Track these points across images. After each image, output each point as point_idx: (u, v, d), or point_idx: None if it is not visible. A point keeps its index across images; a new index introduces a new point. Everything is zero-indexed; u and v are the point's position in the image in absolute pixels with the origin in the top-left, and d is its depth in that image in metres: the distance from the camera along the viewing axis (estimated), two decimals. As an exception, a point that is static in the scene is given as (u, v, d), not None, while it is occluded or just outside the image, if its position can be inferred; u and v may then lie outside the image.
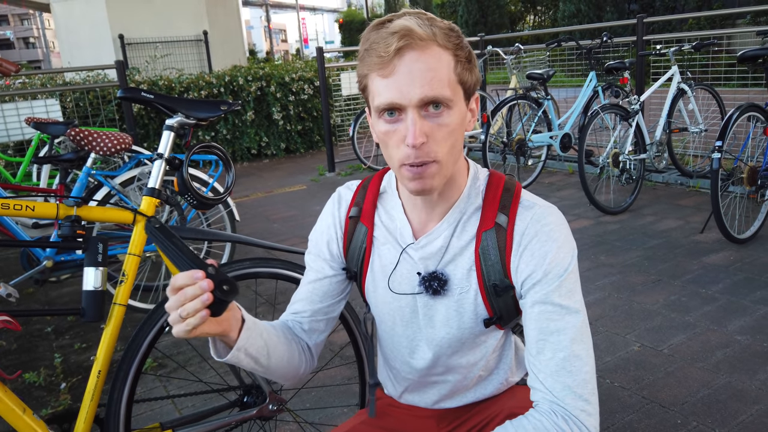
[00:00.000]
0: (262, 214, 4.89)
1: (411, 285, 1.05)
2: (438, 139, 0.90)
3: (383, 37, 0.87)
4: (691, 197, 4.46)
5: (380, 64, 0.88)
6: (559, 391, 0.91)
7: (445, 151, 0.91)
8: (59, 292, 3.44)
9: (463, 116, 0.94)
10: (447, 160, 0.93)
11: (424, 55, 0.87)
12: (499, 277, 1.00)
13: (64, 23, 11.17)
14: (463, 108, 0.94)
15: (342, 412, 2.10)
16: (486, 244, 0.99)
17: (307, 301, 1.14)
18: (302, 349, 1.12)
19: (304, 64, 7.93)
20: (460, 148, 0.97)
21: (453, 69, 0.90)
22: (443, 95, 0.88)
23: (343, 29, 30.05)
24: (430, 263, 1.03)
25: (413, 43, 0.86)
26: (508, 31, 18.41)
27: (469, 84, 0.94)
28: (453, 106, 0.90)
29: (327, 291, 1.14)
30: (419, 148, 0.89)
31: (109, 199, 2.85)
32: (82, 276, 1.44)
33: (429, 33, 0.88)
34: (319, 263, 1.14)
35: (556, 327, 0.93)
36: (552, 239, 0.96)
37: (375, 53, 0.88)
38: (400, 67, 0.87)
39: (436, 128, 0.90)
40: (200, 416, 1.63)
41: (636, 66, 4.91)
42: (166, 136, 1.61)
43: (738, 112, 3.40)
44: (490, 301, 1.01)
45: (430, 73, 0.87)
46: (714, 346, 2.36)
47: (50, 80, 6.63)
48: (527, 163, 5.01)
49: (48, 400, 2.30)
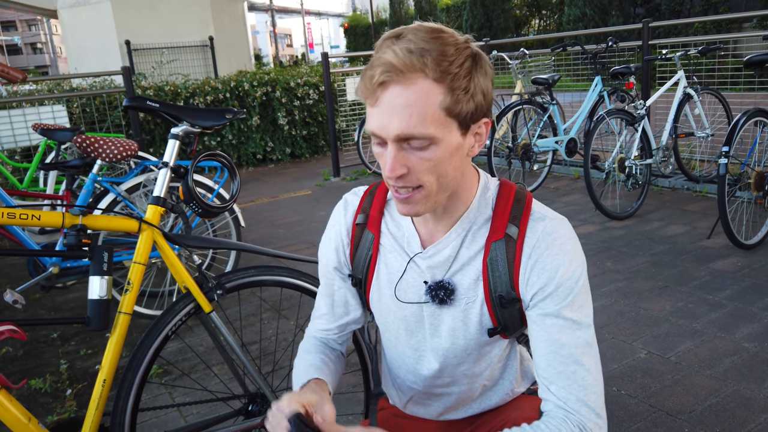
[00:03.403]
0: (268, 220, 4.89)
1: (417, 294, 1.04)
2: (421, 171, 0.89)
3: (374, 65, 0.86)
4: (698, 202, 4.43)
5: (365, 93, 0.88)
6: (574, 403, 0.92)
7: (431, 180, 0.90)
8: (65, 298, 3.45)
9: (455, 148, 0.90)
10: (434, 188, 0.91)
11: (406, 90, 0.85)
12: (505, 289, 0.99)
13: (71, 29, 11.26)
14: (456, 140, 0.90)
15: (347, 419, 2.09)
16: (495, 255, 0.99)
17: (330, 317, 1.18)
18: (340, 356, 1.22)
19: (310, 69, 7.96)
20: (456, 175, 0.94)
21: (440, 103, 0.86)
22: (421, 133, 0.86)
23: (348, 34, 30.11)
24: (438, 272, 1.02)
25: (395, 78, 0.85)
26: (513, 35, 18.41)
27: (466, 113, 0.89)
28: (439, 141, 0.88)
29: (347, 301, 1.15)
30: (400, 178, 0.89)
31: (115, 206, 2.86)
32: (87, 282, 1.45)
33: (417, 64, 0.84)
34: (331, 274, 1.14)
35: (567, 340, 0.93)
36: (563, 252, 0.96)
37: (364, 79, 0.88)
38: (382, 100, 0.86)
39: (417, 161, 0.89)
40: (204, 425, 1.63)
41: (642, 70, 4.89)
42: (171, 145, 1.61)
43: (745, 117, 3.38)
44: (495, 311, 1.01)
45: (410, 109, 0.85)
46: (722, 353, 2.34)
47: (57, 86, 6.67)
48: (532, 168, 5.00)
49: (54, 407, 2.30)
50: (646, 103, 4.32)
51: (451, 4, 22.41)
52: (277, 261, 3.26)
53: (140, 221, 1.52)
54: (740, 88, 5.78)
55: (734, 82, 5.53)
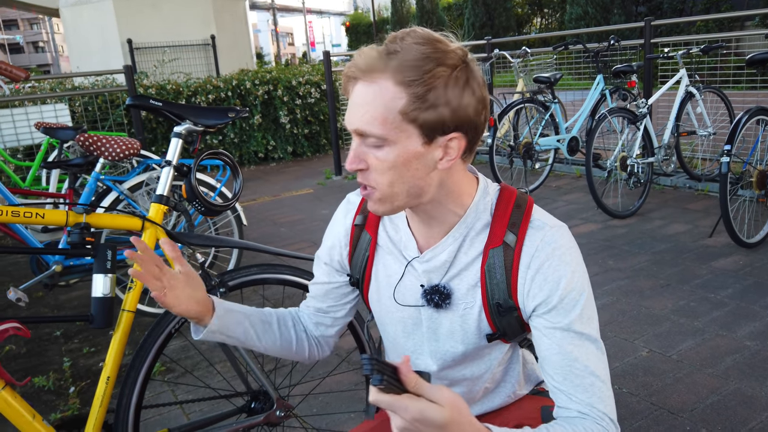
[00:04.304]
0: (269, 218, 4.90)
1: (414, 297, 1.05)
2: (378, 170, 0.92)
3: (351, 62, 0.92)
4: (700, 201, 4.43)
5: (345, 87, 0.94)
6: (596, 413, 0.93)
7: (384, 182, 0.92)
8: (68, 296, 3.46)
9: (412, 155, 0.89)
10: (389, 192, 0.92)
11: (366, 88, 0.89)
12: (503, 297, 0.98)
13: (73, 28, 11.27)
14: (414, 147, 0.89)
15: (349, 417, 2.10)
16: (492, 262, 0.98)
17: (314, 299, 1.23)
18: (305, 337, 1.23)
19: (311, 68, 7.96)
20: (418, 184, 0.92)
21: (399, 107, 0.86)
22: (372, 132, 0.89)
23: (350, 32, 30.11)
24: (434, 276, 1.02)
25: (359, 75, 0.90)
26: (514, 33, 18.39)
27: (425, 122, 0.87)
28: (392, 143, 0.89)
29: (327, 293, 1.20)
30: (360, 173, 0.94)
31: (117, 204, 2.87)
32: (90, 280, 1.45)
33: (379, 65, 0.87)
34: (320, 267, 1.20)
35: (580, 354, 0.93)
36: (565, 263, 0.94)
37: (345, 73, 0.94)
38: (351, 95, 0.92)
39: (375, 160, 0.91)
40: (208, 422, 1.64)
41: (644, 69, 4.89)
42: (174, 143, 1.62)
43: (747, 116, 3.38)
44: (493, 318, 1.00)
45: (366, 107, 0.89)
46: (723, 351, 2.34)
47: (59, 85, 6.68)
48: (534, 166, 5.00)
49: (57, 404, 2.31)
50: (648, 102, 4.31)
51: (453, 3, 22.38)
52: (280, 259, 3.27)
53: (144, 219, 1.52)
54: (742, 86, 5.77)
55: (736, 80, 5.52)
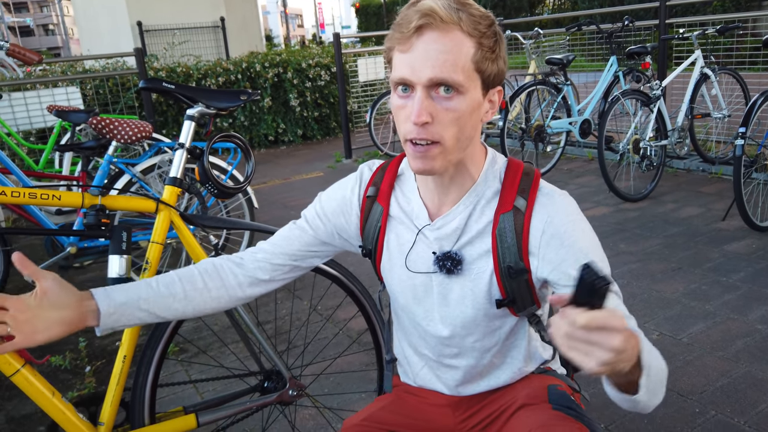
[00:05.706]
0: (280, 201, 4.92)
1: (426, 264, 1.08)
2: (444, 122, 0.92)
3: (409, 15, 0.90)
4: (713, 184, 4.39)
5: (400, 39, 0.92)
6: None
7: (449, 135, 0.93)
8: (83, 278, 3.50)
9: (476, 105, 0.95)
10: (451, 144, 0.94)
11: (443, 37, 0.89)
12: (514, 260, 1.01)
13: (83, 10, 11.25)
14: (478, 97, 0.95)
15: (360, 397, 2.13)
16: (503, 226, 1.01)
17: (269, 243, 1.19)
18: (224, 285, 1.16)
19: (321, 50, 7.91)
20: (471, 135, 0.97)
21: (472, 56, 0.91)
22: (453, 79, 0.90)
23: (360, 14, 29.82)
24: (445, 243, 1.05)
25: (434, 23, 0.89)
26: (526, 14, 18.15)
27: (489, 74, 0.95)
28: (465, 92, 0.92)
29: (289, 237, 1.17)
30: (423, 127, 0.92)
31: (130, 187, 2.89)
32: (105, 261, 1.47)
33: (454, 17, 0.89)
34: (314, 221, 1.18)
35: (615, 304, 0.94)
36: (578, 228, 0.99)
37: (398, 28, 0.92)
38: (417, 45, 0.90)
39: (442, 111, 0.91)
40: (221, 401, 1.66)
41: (658, 50, 4.82)
42: (187, 126, 1.63)
43: (762, 98, 3.34)
44: (504, 282, 1.03)
45: (444, 55, 0.89)
46: (734, 335, 2.34)
47: (70, 68, 6.69)
48: (546, 149, 4.97)
49: (74, 383, 2.36)
50: (662, 84, 4.26)
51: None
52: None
53: (158, 201, 1.54)
54: (759, 68, 5.68)
55: (753, 61, 5.44)
